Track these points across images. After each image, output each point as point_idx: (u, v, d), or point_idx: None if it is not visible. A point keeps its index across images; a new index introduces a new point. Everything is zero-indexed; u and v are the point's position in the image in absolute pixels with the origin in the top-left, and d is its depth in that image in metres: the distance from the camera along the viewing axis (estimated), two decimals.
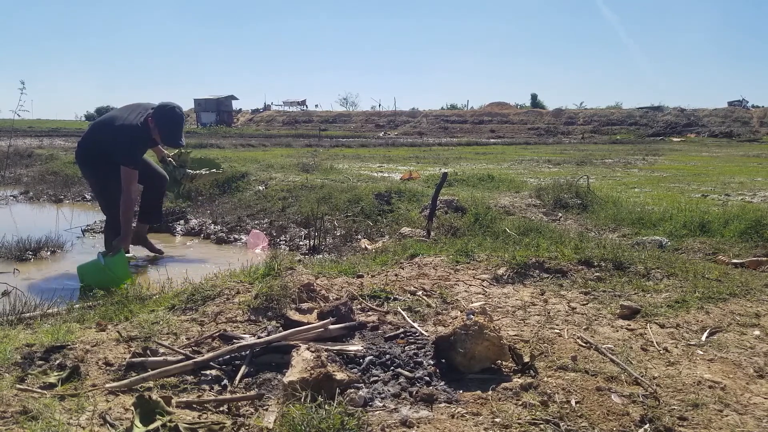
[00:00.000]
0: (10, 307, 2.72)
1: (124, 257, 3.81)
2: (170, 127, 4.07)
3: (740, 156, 15.01)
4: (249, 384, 1.68)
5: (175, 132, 4.11)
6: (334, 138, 24.38)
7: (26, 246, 4.64)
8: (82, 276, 3.65)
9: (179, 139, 4.21)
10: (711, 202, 5.78)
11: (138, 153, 4.10)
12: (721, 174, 9.34)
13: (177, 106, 4.13)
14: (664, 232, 4.19)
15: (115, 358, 1.82)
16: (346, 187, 6.47)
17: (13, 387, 1.59)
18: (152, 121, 4.01)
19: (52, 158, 12.31)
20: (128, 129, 3.99)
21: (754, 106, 37.36)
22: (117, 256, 3.72)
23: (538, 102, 45.13)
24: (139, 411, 1.40)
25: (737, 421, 1.51)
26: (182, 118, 4.17)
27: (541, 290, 2.59)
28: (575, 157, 13.72)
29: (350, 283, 2.58)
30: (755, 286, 2.69)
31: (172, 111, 4.06)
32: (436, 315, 2.24)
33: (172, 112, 4.06)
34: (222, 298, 2.30)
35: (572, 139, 29.82)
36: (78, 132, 27.93)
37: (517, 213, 5.15)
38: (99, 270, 3.61)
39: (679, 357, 1.91)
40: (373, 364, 1.79)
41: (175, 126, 4.10)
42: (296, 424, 1.34)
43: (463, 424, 1.46)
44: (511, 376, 1.72)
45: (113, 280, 3.34)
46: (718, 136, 30.35)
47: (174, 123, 4.08)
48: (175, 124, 4.10)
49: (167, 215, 6.53)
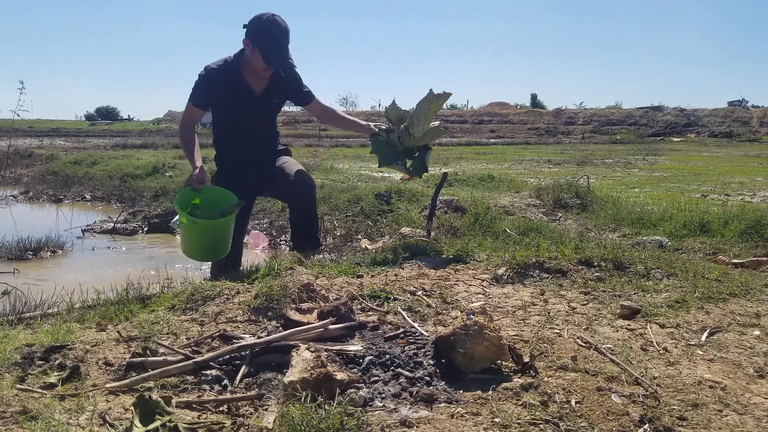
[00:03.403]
0: (10, 307, 2.73)
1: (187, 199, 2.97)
2: (272, 43, 2.97)
3: (740, 156, 15.00)
4: (249, 384, 1.68)
5: (280, 47, 3.00)
6: (334, 138, 24.38)
7: (26, 246, 4.65)
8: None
9: (287, 55, 3.05)
10: (711, 202, 5.78)
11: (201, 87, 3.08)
12: (721, 174, 9.34)
13: (276, 15, 3.02)
14: (664, 232, 4.19)
15: (115, 358, 1.82)
16: (346, 187, 6.47)
17: (13, 387, 1.59)
18: (247, 43, 3.00)
19: (52, 158, 12.32)
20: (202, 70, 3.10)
21: (754, 106, 37.34)
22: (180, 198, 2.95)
23: (538, 102, 45.12)
24: (139, 411, 1.40)
25: (737, 421, 1.51)
26: (287, 30, 3.01)
27: (541, 290, 2.59)
28: (575, 157, 13.72)
29: (350, 283, 2.58)
30: (755, 286, 2.69)
31: (269, 21, 2.97)
32: (436, 315, 2.24)
33: (269, 23, 2.97)
34: (222, 298, 2.30)
35: (572, 139, 29.82)
36: (78, 132, 27.96)
37: (517, 213, 5.15)
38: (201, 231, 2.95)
39: (679, 357, 1.91)
40: (373, 364, 1.78)
41: (278, 40, 2.99)
42: (296, 424, 1.34)
43: (463, 424, 1.46)
44: (511, 376, 1.72)
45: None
46: (718, 136, 30.34)
47: (275, 34, 2.97)
48: (277, 38, 2.98)
49: (167, 215, 6.53)
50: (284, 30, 2.99)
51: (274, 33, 2.96)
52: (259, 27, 2.96)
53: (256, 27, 2.97)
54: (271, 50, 2.96)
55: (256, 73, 3.06)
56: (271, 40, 2.96)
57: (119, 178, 9.33)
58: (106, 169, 10.08)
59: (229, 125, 3.23)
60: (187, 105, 3.15)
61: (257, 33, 2.96)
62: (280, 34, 2.98)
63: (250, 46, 2.98)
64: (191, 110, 3.16)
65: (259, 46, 2.95)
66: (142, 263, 4.34)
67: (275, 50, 2.98)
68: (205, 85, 3.07)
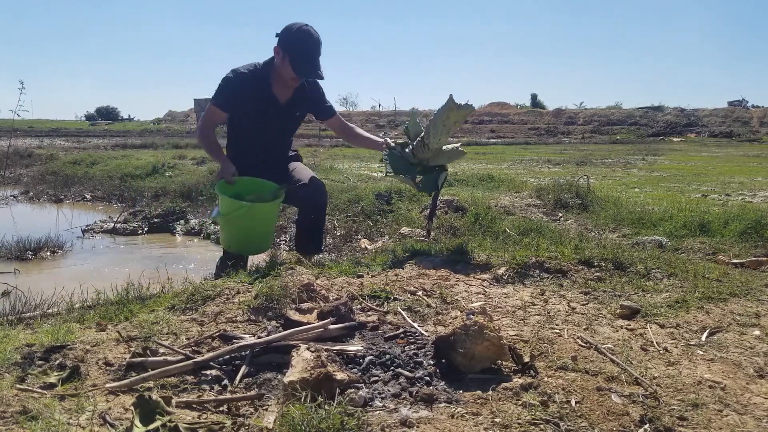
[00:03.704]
0: (10, 307, 2.73)
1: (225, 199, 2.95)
2: (303, 53, 2.96)
3: (740, 156, 15.00)
4: (249, 384, 1.68)
5: (311, 57, 2.99)
6: (334, 138, 24.37)
7: (26, 246, 4.64)
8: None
9: (318, 67, 3.03)
10: (711, 202, 5.78)
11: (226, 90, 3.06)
12: (721, 174, 9.34)
13: (310, 26, 3.02)
14: (664, 232, 4.19)
15: (115, 358, 1.82)
16: (346, 187, 6.47)
17: (13, 387, 1.59)
18: (278, 51, 3.00)
19: (52, 158, 12.32)
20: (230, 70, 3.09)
21: (754, 106, 37.31)
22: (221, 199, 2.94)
23: (538, 102, 45.08)
24: (139, 411, 1.40)
25: (737, 421, 1.51)
26: (319, 41, 3.00)
27: (541, 290, 2.59)
28: (575, 157, 13.72)
29: (350, 283, 2.58)
30: (755, 286, 2.69)
31: (301, 31, 2.96)
32: (436, 315, 2.24)
33: (302, 33, 2.96)
34: (222, 298, 2.30)
35: (572, 139, 29.81)
36: (78, 132, 27.95)
37: (517, 213, 5.15)
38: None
39: (679, 357, 1.91)
40: (373, 364, 1.78)
41: (309, 50, 2.98)
42: (296, 424, 1.34)
43: (463, 424, 1.46)
44: (511, 376, 1.72)
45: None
46: (718, 136, 30.32)
47: (307, 44, 2.97)
48: (308, 48, 2.98)
49: (167, 215, 6.53)
50: (316, 41, 2.99)
51: (305, 43, 2.97)
52: (291, 36, 2.96)
53: (288, 36, 2.97)
54: (301, 60, 2.97)
55: (283, 82, 3.08)
56: (303, 50, 2.96)
57: (119, 178, 9.33)
58: (106, 169, 10.08)
59: (248, 130, 3.22)
60: (210, 107, 3.12)
61: (289, 42, 2.96)
62: (311, 45, 2.98)
63: (281, 55, 2.98)
64: (214, 112, 3.12)
65: (289, 54, 2.95)
66: (142, 263, 4.34)
67: (306, 60, 2.98)
68: (231, 88, 3.05)
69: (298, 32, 2.97)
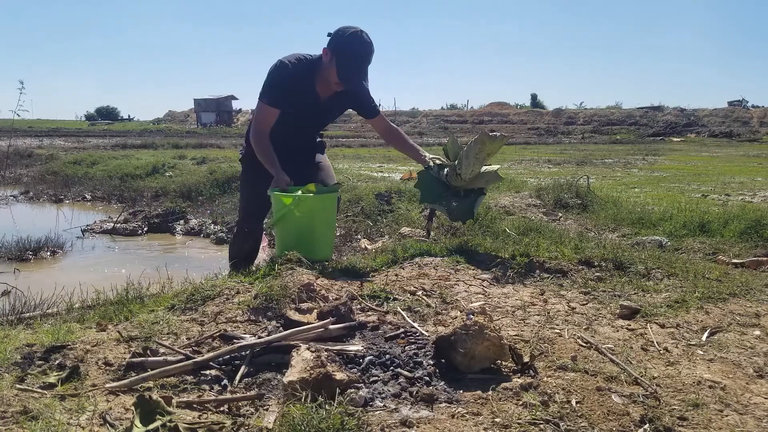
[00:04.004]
0: (10, 307, 2.73)
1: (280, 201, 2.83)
2: (351, 60, 2.85)
3: (740, 156, 15.00)
4: (249, 384, 1.68)
5: (357, 66, 2.89)
6: (333, 138, 24.37)
7: (26, 246, 4.65)
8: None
9: (363, 77, 2.95)
10: (711, 202, 5.78)
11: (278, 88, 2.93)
12: (721, 174, 9.34)
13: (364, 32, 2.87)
14: (664, 232, 4.19)
15: (115, 358, 1.82)
16: (346, 187, 6.46)
17: (13, 387, 1.59)
18: (326, 53, 2.88)
19: (52, 158, 12.32)
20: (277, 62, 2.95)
21: (754, 106, 37.34)
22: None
23: (538, 102, 45.08)
24: (139, 411, 1.40)
25: (737, 421, 1.51)
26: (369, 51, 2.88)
27: (541, 290, 2.59)
28: (575, 157, 13.72)
29: (350, 283, 2.58)
30: (755, 286, 2.69)
31: (354, 37, 2.84)
32: (436, 315, 2.24)
33: (354, 39, 2.84)
34: (222, 298, 2.30)
35: (572, 139, 29.82)
36: (78, 132, 27.94)
37: (517, 213, 5.15)
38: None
39: (679, 357, 1.91)
40: (373, 364, 1.78)
41: (357, 56, 2.86)
42: (296, 424, 1.34)
43: (463, 424, 1.46)
44: (511, 376, 1.72)
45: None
46: (718, 136, 30.32)
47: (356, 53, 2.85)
48: (358, 54, 2.86)
49: (167, 215, 6.53)
50: (366, 50, 2.87)
51: (355, 51, 2.85)
52: (341, 41, 2.84)
53: (339, 40, 2.85)
54: (348, 67, 2.85)
55: (327, 83, 2.96)
56: (351, 58, 2.85)
57: (119, 178, 9.34)
58: (106, 169, 10.08)
59: (281, 121, 3.07)
60: (262, 106, 2.96)
61: (339, 47, 2.84)
62: (361, 53, 2.87)
63: (329, 57, 2.86)
64: (268, 112, 2.95)
65: (337, 59, 2.83)
66: (142, 263, 4.34)
67: (352, 68, 2.87)
68: (280, 81, 2.92)
69: (350, 38, 2.83)
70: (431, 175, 3.16)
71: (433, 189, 3.17)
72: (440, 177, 3.14)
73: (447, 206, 3.15)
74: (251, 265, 3.02)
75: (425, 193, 3.20)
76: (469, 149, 3.00)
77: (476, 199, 3.19)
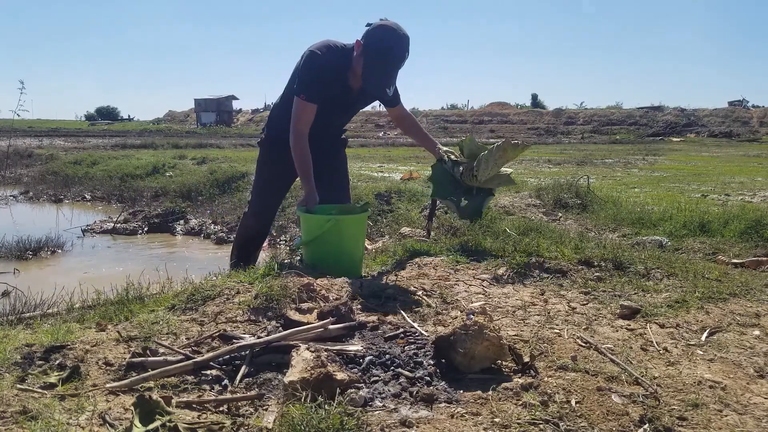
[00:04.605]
0: (10, 307, 2.73)
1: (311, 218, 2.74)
2: (379, 61, 2.65)
3: (740, 156, 15.00)
4: (249, 384, 1.68)
5: (384, 70, 2.70)
6: None
7: (26, 246, 4.65)
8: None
9: (389, 82, 2.76)
10: (711, 202, 5.78)
11: (315, 81, 2.72)
12: (721, 174, 9.34)
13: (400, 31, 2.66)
14: (664, 232, 4.19)
15: (115, 358, 1.82)
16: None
17: (13, 387, 1.59)
18: (359, 45, 2.68)
19: (52, 158, 12.32)
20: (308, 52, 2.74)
21: (754, 106, 37.34)
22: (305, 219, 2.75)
23: (538, 102, 45.12)
24: (139, 411, 1.40)
25: (737, 421, 1.51)
26: (402, 55, 2.70)
27: (541, 290, 2.59)
28: (575, 157, 13.72)
29: (350, 283, 2.58)
30: (755, 286, 2.69)
31: (388, 38, 2.63)
32: (436, 315, 2.24)
33: (387, 39, 2.63)
34: (222, 298, 2.30)
35: (572, 139, 29.82)
36: (78, 132, 27.94)
37: (517, 213, 5.15)
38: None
39: (679, 357, 1.91)
40: (373, 364, 1.78)
41: (386, 58, 2.66)
42: (296, 424, 1.34)
43: (463, 424, 1.46)
44: (511, 376, 1.72)
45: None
46: (718, 136, 30.33)
47: (386, 56, 2.65)
48: (386, 57, 2.66)
49: (167, 215, 6.53)
50: (399, 53, 2.69)
51: (386, 52, 2.66)
52: (375, 39, 2.65)
53: (372, 37, 2.65)
54: (374, 69, 2.68)
55: (357, 75, 2.79)
56: (378, 59, 2.66)
57: (119, 178, 9.34)
58: (106, 169, 10.08)
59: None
60: (301, 103, 2.72)
61: (370, 45, 2.65)
62: (391, 56, 2.68)
63: (359, 52, 2.68)
64: (306, 108, 2.73)
65: (365, 58, 2.66)
66: (142, 263, 4.34)
67: (379, 72, 2.70)
68: (317, 74, 2.72)
69: (384, 36, 2.63)
70: (444, 168, 3.13)
71: (446, 185, 3.15)
72: (454, 173, 3.12)
73: (457, 204, 3.15)
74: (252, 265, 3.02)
75: (438, 187, 3.18)
76: (490, 154, 2.98)
77: (485, 198, 3.20)
